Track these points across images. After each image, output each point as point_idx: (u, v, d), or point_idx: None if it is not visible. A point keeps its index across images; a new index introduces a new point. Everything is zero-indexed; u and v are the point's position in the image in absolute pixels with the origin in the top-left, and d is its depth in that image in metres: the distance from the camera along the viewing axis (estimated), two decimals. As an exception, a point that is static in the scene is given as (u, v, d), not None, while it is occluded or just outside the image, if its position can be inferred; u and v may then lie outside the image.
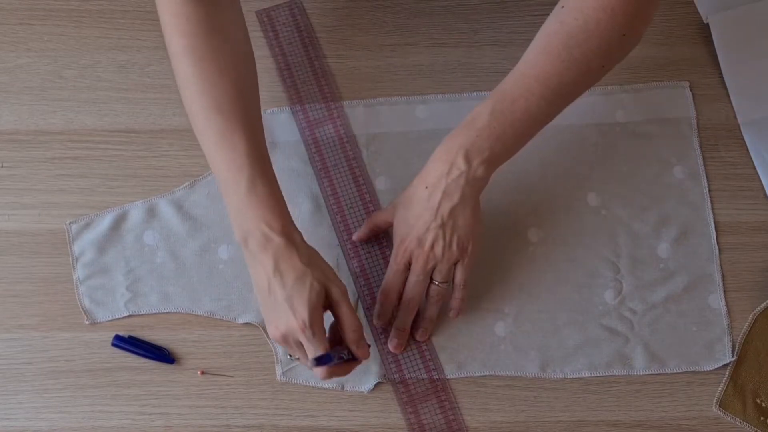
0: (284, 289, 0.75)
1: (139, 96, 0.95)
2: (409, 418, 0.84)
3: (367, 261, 0.89)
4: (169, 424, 0.84)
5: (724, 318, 0.88)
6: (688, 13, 1.00)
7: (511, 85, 0.80)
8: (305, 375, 0.85)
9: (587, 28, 0.77)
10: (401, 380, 0.85)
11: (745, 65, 0.96)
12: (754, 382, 0.86)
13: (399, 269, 0.83)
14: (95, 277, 0.88)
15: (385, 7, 1.00)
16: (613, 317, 0.87)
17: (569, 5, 0.78)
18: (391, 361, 0.86)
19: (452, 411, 0.84)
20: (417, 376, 0.85)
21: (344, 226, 0.90)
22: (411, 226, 0.81)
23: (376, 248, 0.90)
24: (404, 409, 0.84)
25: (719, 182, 0.93)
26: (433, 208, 0.80)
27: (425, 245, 0.80)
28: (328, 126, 0.94)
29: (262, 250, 0.76)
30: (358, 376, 0.85)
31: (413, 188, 0.82)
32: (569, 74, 0.79)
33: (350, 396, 0.85)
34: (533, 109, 0.79)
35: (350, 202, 0.91)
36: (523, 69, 0.80)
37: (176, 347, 0.87)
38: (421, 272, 0.81)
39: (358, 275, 0.89)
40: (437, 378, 0.85)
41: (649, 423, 0.85)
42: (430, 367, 0.86)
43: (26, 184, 0.92)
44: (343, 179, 0.92)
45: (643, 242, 0.90)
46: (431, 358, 0.86)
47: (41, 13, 0.99)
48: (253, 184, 0.77)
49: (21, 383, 0.85)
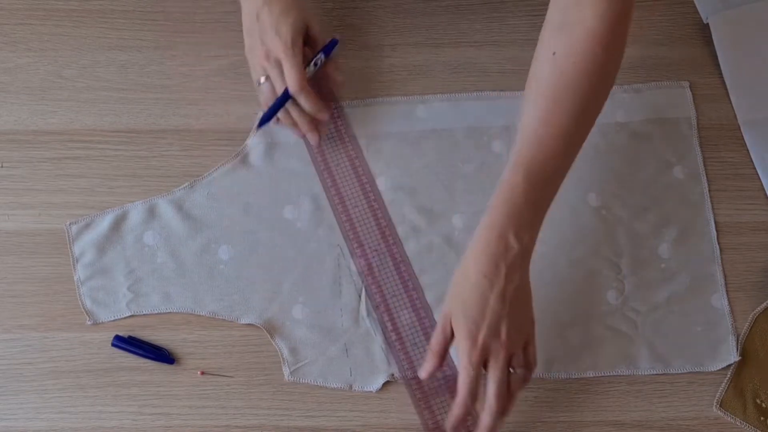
0: (271, 16, 0.86)
1: (139, 96, 0.95)
2: (423, 415, 0.84)
3: (374, 259, 0.89)
4: (169, 424, 0.84)
5: (727, 318, 0.88)
6: (688, 13, 1.00)
7: (535, 150, 0.77)
8: (312, 375, 0.85)
9: (587, 69, 0.76)
10: (414, 377, 0.85)
11: (745, 65, 0.96)
12: (754, 382, 0.86)
13: (477, 372, 0.75)
14: (96, 277, 0.88)
15: (384, 7, 1.00)
16: (617, 317, 0.88)
17: (561, 51, 0.77)
18: (402, 358, 0.86)
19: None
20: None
21: (350, 224, 0.90)
22: (478, 322, 0.75)
23: (382, 245, 0.90)
24: (418, 405, 0.84)
25: (719, 182, 0.93)
26: (500, 296, 0.75)
27: (501, 336, 0.75)
28: (329, 125, 0.94)
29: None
30: (365, 376, 0.85)
31: (467, 281, 0.76)
32: (585, 119, 0.79)
33: (350, 396, 0.85)
34: (561, 166, 0.78)
35: (354, 201, 0.91)
36: (540, 129, 0.77)
37: (176, 347, 0.87)
38: (505, 365, 0.76)
39: (366, 274, 0.89)
40: (450, 374, 0.85)
41: (649, 423, 0.85)
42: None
43: (26, 184, 0.92)
44: (345, 177, 0.92)
45: (644, 242, 0.90)
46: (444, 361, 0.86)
47: (41, 13, 0.99)
48: None
49: (21, 383, 0.85)
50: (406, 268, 0.89)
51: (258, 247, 0.90)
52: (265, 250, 0.90)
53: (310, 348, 0.86)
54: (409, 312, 0.88)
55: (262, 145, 0.93)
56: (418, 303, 0.88)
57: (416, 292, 0.88)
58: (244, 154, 0.93)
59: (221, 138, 0.94)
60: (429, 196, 0.92)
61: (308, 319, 0.87)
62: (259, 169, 0.93)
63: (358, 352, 0.86)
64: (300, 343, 0.87)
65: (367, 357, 0.86)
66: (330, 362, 0.86)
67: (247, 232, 0.90)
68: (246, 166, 0.93)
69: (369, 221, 0.91)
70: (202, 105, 0.95)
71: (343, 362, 0.86)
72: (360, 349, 0.87)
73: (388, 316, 0.87)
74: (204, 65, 0.97)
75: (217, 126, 0.94)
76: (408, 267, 0.89)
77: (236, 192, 0.92)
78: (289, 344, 0.86)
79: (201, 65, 0.97)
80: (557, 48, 0.77)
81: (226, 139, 0.94)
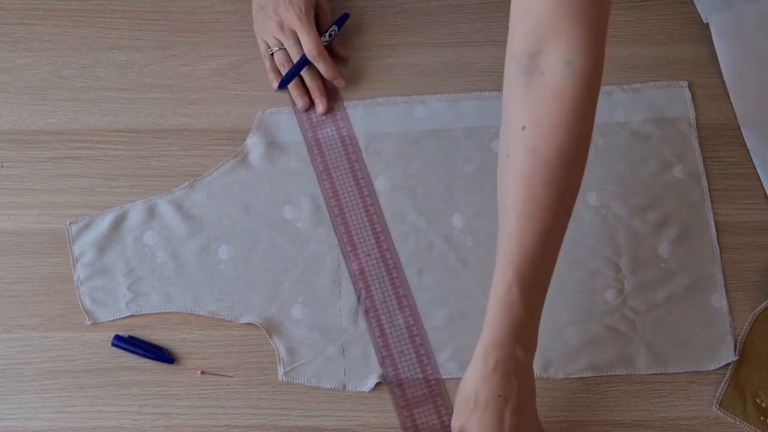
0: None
1: (139, 96, 0.95)
2: (405, 422, 0.84)
3: (367, 263, 0.89)
4: (169, 424, 0.84)
5: (726, 318, 0.88)
6: (688, 13, 1.00)
7: (521, 248, 0.71)
8: (306, 375, 0.85)
9: (561, 149, 0.70)
10: (398, 383, 0.85)
11: (745, 65, 0.96)
12: (753, 382, 0.86)
13: None
14: (96, 277, 0.88)
15: (384, 7, 1.00)
16: (616, 317, 0.88)
17: (530, 123, 0.71)
18: (388, 363, 0.86)
19: (448, 415, 0.84)
20: (412, 376, 0.85)
21: (345, 227, 0.90)
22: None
23: (376, 250, 0.90)
24: (400, 413, 0.84)
25: (719, 182, 0.93)
26: (515, 410, 0.73)
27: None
28: (331, 127, 0.94)
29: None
30: (360, 376, 0.85)
31: (481, 401, 0.73)
32: (565, 201, 0.73)
33: (349, 396, 0.85)
34: (555, 252, 0.74)
35: (351, 204, 0.91)
36: (521, 223, 0.71)
37: (176, 347, 0.87)
38: None
39: (358, 277, 0.89)
40: (433, 379, 0.85)
41: (648, 423, 0.85)
42: (425, 364, 0.86)
43: (26, 184, 0.92)
44: (344, 180, 0.92)
45: (644, 242, 0.90)
46: (427, 359, 0.86)
47: (41, 13, 0.99)
48: None
49: (20, 383, 0.85)
50: (398, 274, 0.89)
51: (258, 247, 0.90)
52: (265, 250, 0.90)
53: (308, 348, 0.86)
54: (398, 318, 0.88)
55: (262, 145, 0.93)
56: (407, 310, 0.88)
57: (406, 299, 0.88)
58: (244, 154, 0.93)
59: (221, 138, 0.94)
60: (429, 196, 0.92)
61: (307, 319, 0.87)
62: (259, 168, 0.93)
63: (355, 353, 0.86)
64: (298, 343, 0.87)
65: (362, 357, 0.86)
66: (326, 362, 0.86)
67: (247, 232, 0.90)
68: (246, 165, 0.93)
69: (364, 225, 0.91)
70: (202, 105, 0.95)
71: (339, 362, 0.86)
72: (357, 349, 0.87)
73: (377, 321, 0.87)
74: (204, 65, 0.97)
75: (217, 126, 0.94)
76: (400, 273, 0.89)
77: (236, 192, 0.92)
78: (287, 344, 0.86)
79: (201, 65, 0.97)
80: (525, 118, 0.71)
81: (225, 138, 0.94)
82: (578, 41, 0.70)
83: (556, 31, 0.70)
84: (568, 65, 0.70)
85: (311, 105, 0.95)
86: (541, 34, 0.70)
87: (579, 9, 0.69)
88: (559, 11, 0.69)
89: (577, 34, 0.69)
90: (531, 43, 0.71)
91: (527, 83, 0.71)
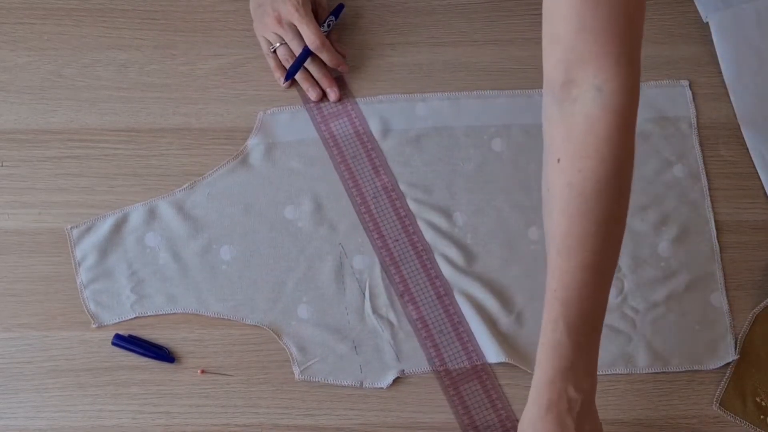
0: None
1: (139, 95, 0.96)
2: (453, 400, 0.84)
3: (395, 248, 0.89)
4: (169, 423, 0.84)
5: (726, 316, 0.88)
6: (688, 13, 1.00)
7: (565, 287, 0.69)
8: (323, 373, 0.85)
9: (598, 182, 0.68)
10: (442, 367, 0.85)
11: (745, 65, 0.96)
12: (754, 380, 0.86)
13: None
14: (99, 280, 0.88)
15: (385, 6, 1.00)
16: (616, 316, 0.87)
17: (565, 156, 0.69)
18: (430, 347, 0.86)
19: (495, 391, 0.85)
20: (459, 365, 0.86)
21: (369, 216, 0.91)
22: None
23: (403, 235, 0.90)
24: (447, 392, 0.84)
25: (719, 181, 0.93)
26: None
27: None
28: (343, 119, 0.94)
29: None
30: (376, 373, 0.86)
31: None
32: (615, 216, 0.70)
33: (350, 395, 0.85)
34: (604, 285, 0.71)
35: (372, 191, 0.92)
36: (563, 262, 0.69)
37: (176, 346, 0.87)
38: None
39: (388, 264, 0.89)
40: (475, 357, 0.85)
41: (649, 422, 0.85)
42: (469, 350, 0.86)
43: (26, 184, 0.92)
44: (362, 169, 0.93)
45: (644, 241, 0.90)
46: (472, 346, 0.86)
47: (41, 12, 0.99)
48: None
49: (21, 382, 0.85)
50: (428, 257, 0.89)
51: (260, 247, 0.90)
52: (267, 250, 0.90)
53: (319, 346, 0.86)
54: (434, 300, 0.88)
55: (262, 145, 0.93)
56: (441, 290, 0.88)
57: (439, 279, 0.88)
58: (244, 155, 0.93)
59: (221, 137, 0.94)
60: (429, 194, 0.92)
61: (314, 318, 0.87)
62: (259, 169, 0.93)
63: (367, 350, 0.86)
64: (308, 341, 0.86)
65: (376, 354, 0.86)
66: (340, 360, 0.86)
67: (248, 233, 0.90)
68: (246, 166, 0.93)
69: (388, 210, 0.91)
70: (202, 104, 0.95)
71: (353, 360, 0.86)
72: (369, 346, 0.87)
73: (413, 305, 0.87)
74: (204, 64, 0.97)
75: (217, 125, 0.95)
76: (430, 255, 0.89)
77: (236, 192, 0.92)
78: (298, 343, 0.86)
79: (201, 64, 0.97)
80: (560, 151, 0.69)
81: (225, 138, 0.94)
82: (607, 65, 0.67)
83: (583, 58, 0.67)
84: (597, 91, 0.67)
85: (323, 95, 0.95)
86: (569, 61, 0.68)
87: (606, 31, 0.67)
88: (585, 36, 0.67)
89: (605, 57, 0.67)
90: (561, 72, 0.68)
91: (561, 113, 0.69)
